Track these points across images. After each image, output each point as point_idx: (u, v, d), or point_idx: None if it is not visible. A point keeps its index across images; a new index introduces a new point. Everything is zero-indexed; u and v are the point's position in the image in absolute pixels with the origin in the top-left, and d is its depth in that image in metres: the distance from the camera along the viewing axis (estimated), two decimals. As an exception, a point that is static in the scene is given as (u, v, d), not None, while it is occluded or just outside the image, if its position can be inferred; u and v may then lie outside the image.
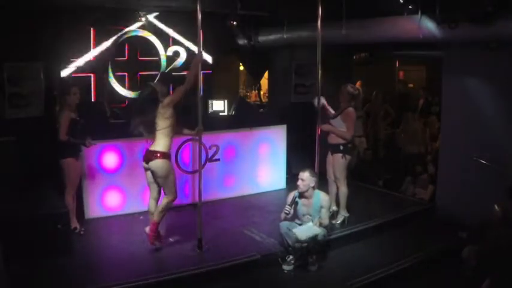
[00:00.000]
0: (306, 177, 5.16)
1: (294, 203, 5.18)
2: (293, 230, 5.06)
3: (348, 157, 5.95)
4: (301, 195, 5.21)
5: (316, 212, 5.21)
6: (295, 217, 5.31)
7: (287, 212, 5.15)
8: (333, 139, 5.95)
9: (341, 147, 5.88)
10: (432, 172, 7.69)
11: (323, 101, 5.91)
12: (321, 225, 5.17)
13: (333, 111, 6.00)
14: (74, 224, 5.57)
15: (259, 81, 11.19)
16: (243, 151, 7.13)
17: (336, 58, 7.73)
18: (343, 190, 6.01)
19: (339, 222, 6.09)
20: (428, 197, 7.38)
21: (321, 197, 5.24)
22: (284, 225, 5.17)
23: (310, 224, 5.12)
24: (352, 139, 6.04)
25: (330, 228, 5.50)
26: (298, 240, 5.02)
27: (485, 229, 5.32)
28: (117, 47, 8.20)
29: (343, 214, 6.11)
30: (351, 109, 5.88)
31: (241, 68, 11.98)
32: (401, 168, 8.55)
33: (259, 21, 8.51)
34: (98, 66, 8.03)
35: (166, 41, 8.71)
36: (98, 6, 7.21)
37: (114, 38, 8.11)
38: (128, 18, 8.18)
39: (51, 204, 5.32)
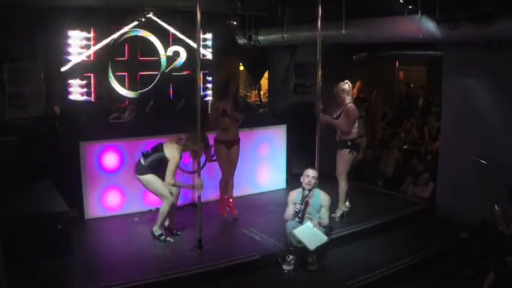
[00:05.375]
0: (313, 174, 5.20)
1: (305, 201, 5.18)
2: (301, 240, 5.00)
3: (355, 153, 6.09)
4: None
5: (315, 211, 5.21)
6: (296, 216, 5.31)
7: (297, 210, 5.14)
8: (340, 136, 6.05)
9: (349, 143, 5.99)
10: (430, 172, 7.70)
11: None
12: (320, 225, 5.16)
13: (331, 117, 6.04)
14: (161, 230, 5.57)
15: (259, 81, 11.19)
16: (243, 151, 7.11)
17: (336, 58, 7.73)
18: (343, 185, 6.12)
19: (338, 215, 6.14)
20: (428, 195, 7.37)
21: (321, 197, 5.24)
22: (290, 225, 5.16)
23: (309, 223, 5.10)
24: (357, 137, 6.13)
25: (329, 228, 5.49)
26: (308, 250, 4.99)
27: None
28: (117, 47, 8.18)
29: (342, 208, 6.16)
30: (351, 105, 6.01)
31: (241, 68, 11.97)
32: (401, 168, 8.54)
33: (259, 21, 8.50)
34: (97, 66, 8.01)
35: (166, 40, 8.70)
36: (98, 6, 7.21)
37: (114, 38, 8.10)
38: (128, 18, 8.16)
39: (51, 204, 5.32)
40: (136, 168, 5.47)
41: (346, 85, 6.09)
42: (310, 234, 5.05)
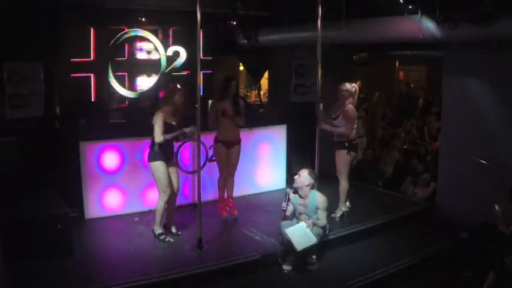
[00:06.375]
0: (302, 174, 5.19)
1: (288, 199, 5.21)
2: (290, 239, 4.98)
3: (353, 154, 6.09)
4: (297, 193, 5.22)
5: (312, 213, 5.21)
6: (294, 216, 5.31)
7: (284, 209, 5.19)
8: (337, 137, 6.06)
9: (346, 144, 6.00)
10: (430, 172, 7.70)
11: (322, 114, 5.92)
12: (317, 225, 5.17)
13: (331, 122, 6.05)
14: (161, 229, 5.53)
15: (259, 81, 11.18)
16: (243, 151, 7.12)
17: (336, 58, 7.73)
18: (344, 185, 6.13)
19: (338, 215, 6.16)
20: (429, 195, 7.37)
21: (317, 198, 5.22)
22: (285, 225, 5.17)
23: (303, 224, 5.10)
24: (355, 137, 6.13)
25: (327, 228, 5.47)
26: (296, 250, 4.99)
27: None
28: (117, 47, 8.18)
29: (342, 208, 6.19)
30: (350, 106, 6.00)
31: (241, 68, 11.97)
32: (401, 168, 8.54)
33: (259, 21, 8.50)
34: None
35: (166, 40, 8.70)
36: (98, 6, 7.21)
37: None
38: (128, 18, 8.15)
39: (51, 204, 5.32)
40: (148, 156, 5.41)
41: (352, 87, 6.06)
42: (300, 234, 5.05)
